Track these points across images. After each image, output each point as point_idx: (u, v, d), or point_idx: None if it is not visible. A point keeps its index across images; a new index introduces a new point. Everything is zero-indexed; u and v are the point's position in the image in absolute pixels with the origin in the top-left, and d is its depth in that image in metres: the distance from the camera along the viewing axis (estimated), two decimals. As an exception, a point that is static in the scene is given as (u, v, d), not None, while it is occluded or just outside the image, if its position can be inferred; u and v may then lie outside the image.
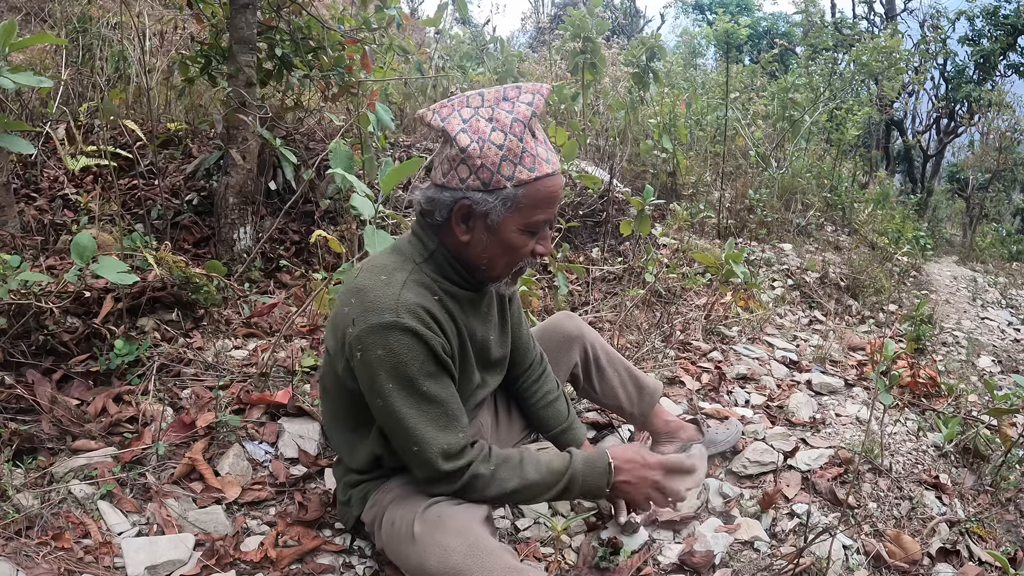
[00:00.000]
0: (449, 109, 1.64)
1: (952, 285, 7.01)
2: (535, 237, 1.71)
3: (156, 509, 2.00)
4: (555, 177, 1.66)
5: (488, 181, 1.60)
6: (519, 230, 1.66)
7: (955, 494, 2.47)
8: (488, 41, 8.59)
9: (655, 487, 1.85)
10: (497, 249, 1.69)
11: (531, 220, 1.65)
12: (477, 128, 1.60)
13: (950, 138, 15.76)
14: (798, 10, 10.39)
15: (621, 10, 20.53)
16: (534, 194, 1.62)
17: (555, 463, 1.78)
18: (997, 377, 4.09)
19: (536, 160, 1.62)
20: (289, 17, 3.83)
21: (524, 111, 1.61)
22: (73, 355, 2.47)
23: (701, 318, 3.86)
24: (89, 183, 3.79)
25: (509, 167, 1.60)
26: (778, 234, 6.40)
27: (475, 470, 1.69)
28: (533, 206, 1.64)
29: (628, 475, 1.83)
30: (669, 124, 6.26)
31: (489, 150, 1.59)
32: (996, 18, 14.22)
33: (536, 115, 1.63)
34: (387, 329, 1.60)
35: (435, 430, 1.65)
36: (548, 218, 1.69)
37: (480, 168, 1.60)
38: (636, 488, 1.85)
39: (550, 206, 1.67)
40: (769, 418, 2.88)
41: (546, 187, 1.64)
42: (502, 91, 1.65)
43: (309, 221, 4.00)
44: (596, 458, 1.83)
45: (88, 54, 4.66)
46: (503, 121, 1.60)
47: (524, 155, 1.60)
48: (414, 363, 1.62)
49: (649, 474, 1.85)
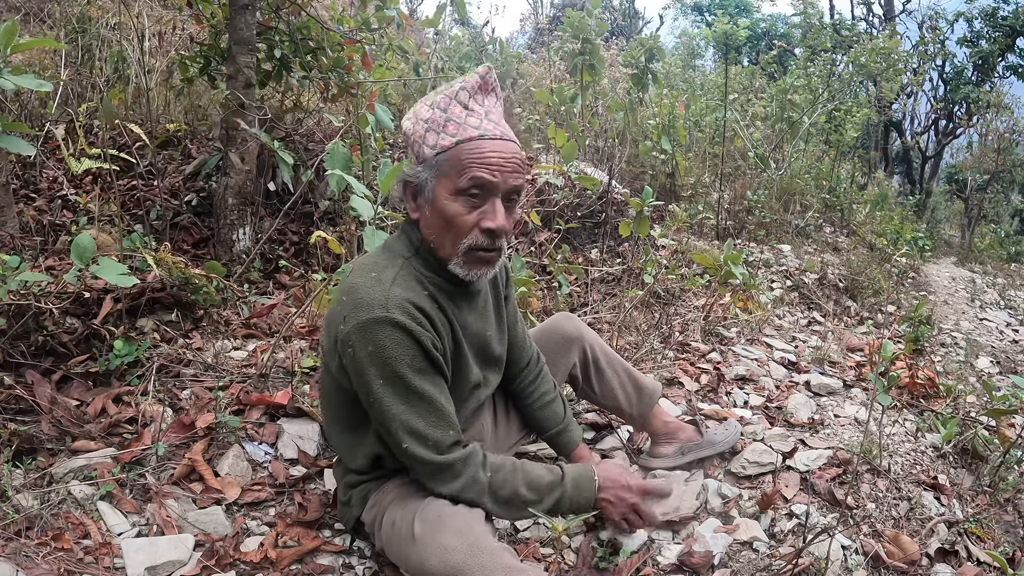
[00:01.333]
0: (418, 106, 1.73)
1: (951, 286, 7.01)
2: (475, 209, 1.67)
3: (156, 510, 2.00)
4: (483, 141, 1.64)
5: (418, 154, 1.68)
6: (450, 196, 1.66)
7: (953, 495, 2.47)
8: (487, 42, 8.58)
9: (632, 509, 1.93)
10: (439, 221, 1.70)
11: (459, 185, 1.64)
12: (417, 111, 1.69)
13: (949, 139, 15.75)
14: (796, 12, 10.39)
15: (620, 11, 20.54)
16: (456, 156, 1.64)
17: (546, 478, 1.80)
18: (996, 378, 4.09)
19: (461, 126, 1.65)
20: (288, 18, 3.83)
21: (454, 87, 1.68)
22: (72, 356, 2.47)
23: (700, 319, 3.86)
24: (88, 184, 3.79)
25: (432, 136, 1.66)
26: (777, 235, 6.40)
27: (475, 476, 1.70)
28: (458, 169, 1.64)
29: (609, 494, 1.89)
30: (668, 125, 6.27)
31: (419, 126, 1.68)
32: (995, 20, 14.22)
33: (466, 89, 1.68)
34: (377, 325, 1.61)
35: (426, 426, 1.66)
36: (480, 183, 1.64)
37: (412, 143, 1.69)
38: (614, 507, 1.90)
39: (477, 169, 1.63)
40: (768, 419, 2.88)
41: (470, 150, 1.64)
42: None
43: (308, 222, 4.00)
44: (582, 474, 1.86)
45: (87, 55, 4.66)
46: (435, 100, 1.68)
47: (447, 124, 1.65)
48: (404, 359, 1.63)
49: (628, 496, 1.91)
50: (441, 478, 1.70)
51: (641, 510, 1.94)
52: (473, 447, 1.75)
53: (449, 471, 1.69)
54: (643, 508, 1.94)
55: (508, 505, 1.75)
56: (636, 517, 1.94)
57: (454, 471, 1.69)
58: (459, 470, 1.70)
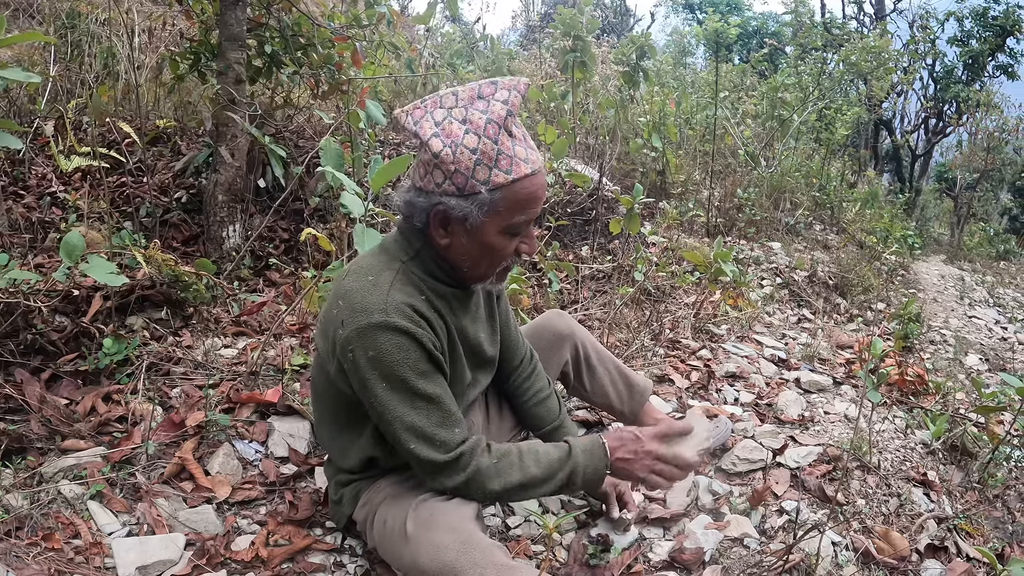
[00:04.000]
0: (422, 111, 1.60)
1: (940, 284, 7.05)
2: (518, 237, 1.69)
3: (146, 509, 1.99)
4: (534, 177, 1.61)
5: (463, 186, 1.57)
6: (499, 232, 1.64)
7: (943, 491, 2.49)
8: (478, 39, 8.58)
9: (655, 457, 1.77)
10: (478, 251, 1.67)
11: (511, 222, 1.63)
12: (450, 131, 1.55)
13: (938, 138, 15.85)
14: (788, 10, 10.43)
15: (611, 8, 20.57)
16: (512, 196, 1.59)
17: (554, 453, 1.74)
18: (984, 375, 4.11)
19: (513, 161, 1.57)
20: (279, 14, 3.81)
21: (499, 110, 1.56)
22: (62, 354, 2.46)
23: (690, 316, 3.87)
24: (77, 181, 3.77)
25: (484, 171, 1.56)
26: (767, 233, 6.42)
27: (478, 463, 1.68)
28: (512, 208, 1.61)
29: (624, 451, 1.76)
30: (659, 123, 6.27)
31: (462, 155, 1.54)
32: (985, 19, 14.32)
33: (512, 114, 1.58)
34: (377, 330, 1.59)
35: (432, 427, 1.65)
36: (529, 219, 1.66)
37: (454, 173, 1.56)
38: (635, 464, 1.76)
39: (530, 207, 1.63)
40: (758, 416, 2.89)
41: (524, 188, 1.60)
42: (477, 88, 1.60)
43: (298, 219, 3.99)
44: (591, 443, 1.78)
45: (77, 51, 4.63)
46: (477, 123, 1.55)
47: (500, 157, 1.56)
48: (407, 363, 1.61)
49: (645, 446, 1.77)
50: (447, 473, 1.68)
51: (665, 455, 1.77)
52: (476, 438, 1.73)
53: (455, 465, 1.68)
54: (666, 453, 1.77)
55: (520, 487, 1.70)
56: (665, 466, 1.77)
57: (460, 464, 1.68)
58: (465, 462, 1.68)
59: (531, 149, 1.63)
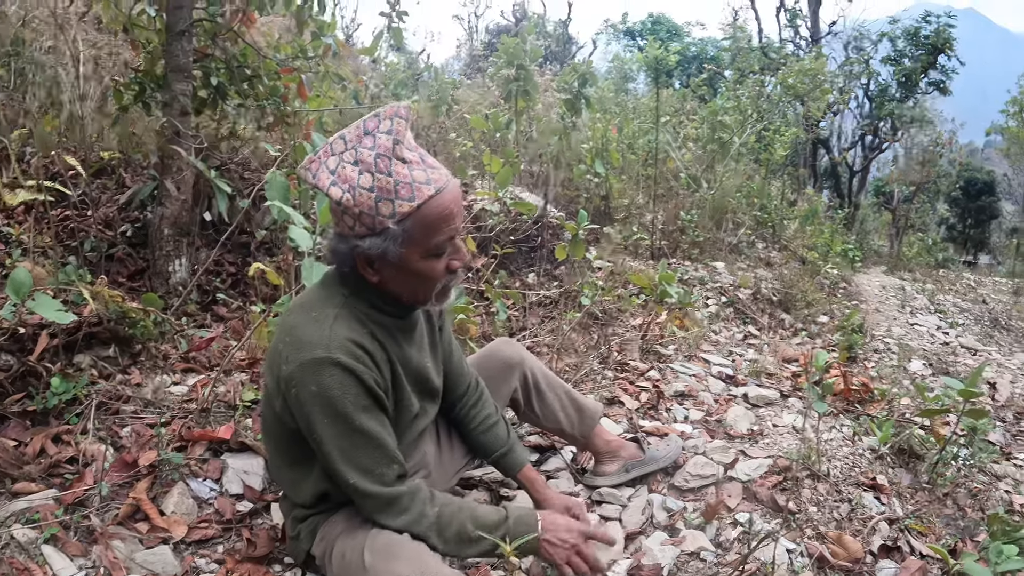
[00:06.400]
0: (317, 163, 1.61)
1: (881, 294, 7.21)
2: (444, 256, 1.70)
3: (102, 552, 1.96)
4: (441, 196, 1.62)
5: (372, 225, 1.59)
6: (423, 258, 1.66)
7: (893, 493, 2.55)
8: (423, 69, 8.63)
9: (575, 551, 1.86)
10: (411, 280, 1.70)
11: (430, 245, 1.64)
12: (345, 176, 1.58)
13: (875, 154, 16.30)
14: (726, 35, 10.68)
15: (554, 37, 20.83)
16: (422, 221, 1.61)
17: (492, 516, 1.80)
18: (928, 379, 4.22)
19: (413, 187, 1.58)
20: (225, 45, 3.80)
21: (385, 142, 1.58)
22: (8, 394, 2.41)
23: (638, 338, 3.92)
24: (20, 214, 3.69)
25: (387, 206, 1.58)
26: (711, 253, 6.52)
27: (421, 508, 1.72)
28: (427, 233, 1.62)
29: (550, 535, 1.84)
30: (601, 149, 6.34)
31: (362, 196, 1.57)
32: (917, 39, 14.80)
33: (399, 142, 1.59)
34: (319, 365, 1.61)
35: (370, 462, 1.67)
36: (449, 236, 1.66)
37: (360, 215, 1.59)
38: (557, 550, 1.85)
39: (445, 224, 1.64)
40: (708, 432, 2.94)
41: (433, 210, 1.61)
42: (362, 126, 1.61)
43: (245, 252, 3.96)
44: (528, 514, 1.85)
45: (20, 79, 4.54)
46: (367, 160, 1.57)
47: (398, 188, 1.57)
48: (347, 397, 1.63)
49: (570, 538, 1.85)
50: (388, 512, 1.71)
51: (584, 554, 1.86)
52: (419, 483, 1.76)
53: (396, 505, 1.70)
54: (586, 552, 1.87)
55: (454, 541, 1.75)
56: (580, 561, 1.86)
57: (401, 505, 1.70)
58: (406, 504, 1.71)
59: (432, 167, 1.64)
